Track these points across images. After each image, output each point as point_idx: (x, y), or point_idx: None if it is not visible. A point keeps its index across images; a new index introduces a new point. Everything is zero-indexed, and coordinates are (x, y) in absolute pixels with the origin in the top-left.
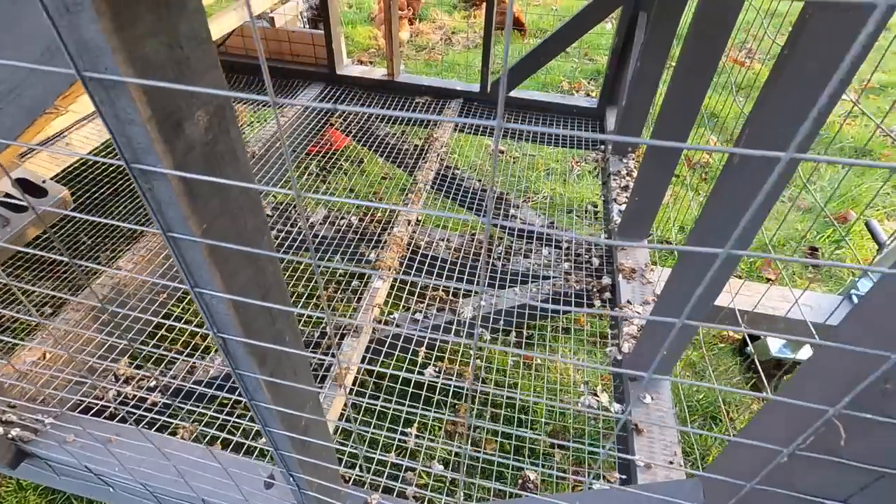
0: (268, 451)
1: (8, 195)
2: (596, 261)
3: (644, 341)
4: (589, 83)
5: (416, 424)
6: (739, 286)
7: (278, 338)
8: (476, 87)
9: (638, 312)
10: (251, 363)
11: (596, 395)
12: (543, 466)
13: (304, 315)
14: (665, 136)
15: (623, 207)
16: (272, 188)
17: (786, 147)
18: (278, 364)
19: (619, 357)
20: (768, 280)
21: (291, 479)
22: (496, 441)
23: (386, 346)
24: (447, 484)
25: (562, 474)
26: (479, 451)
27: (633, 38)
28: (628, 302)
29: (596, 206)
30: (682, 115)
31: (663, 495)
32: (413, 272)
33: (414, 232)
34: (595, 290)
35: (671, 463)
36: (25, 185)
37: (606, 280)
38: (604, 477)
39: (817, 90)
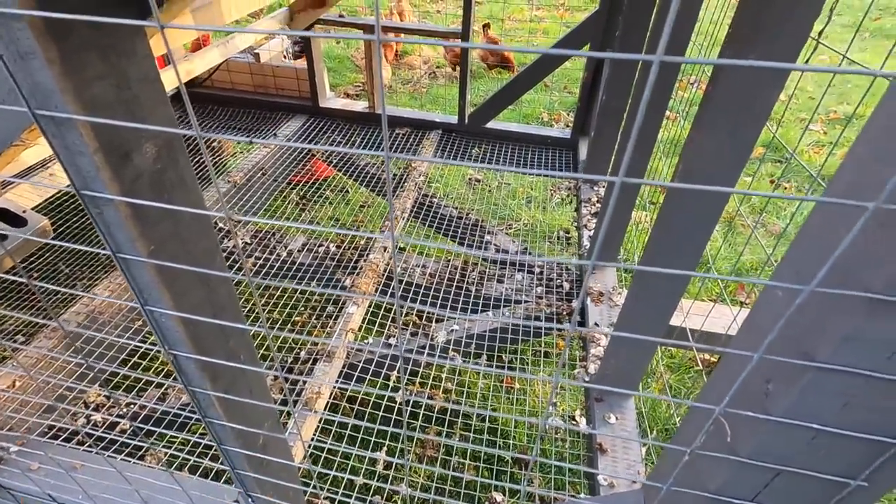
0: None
1: None
2: (566, 285)
3: (608, 360)
4: (568, 115)
5: (384, 448)
6: (710, 309)
7: (232, 356)
8: (454, 119)
9: (605, 333)
10: (203, 380)
11: (574, 418)
12: (514, 491)
13: (279, 338)
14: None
15: (592, 233)
16: (209, 212)
17: (718, 174)
18: (233, 382)
19: (587, 378)
20: (741, 303)
21: (250, 499)
22: (468, 464)
23: (358, 370)
24: None
25: (529, 489)
26: (447, 471)
27: (601, 73)
28: (596, 324)
29: (568, 233)
30: (641, 145)
31: None
32: (388, 297)
33: (390, 258)
34: (565, 313)
35: (634, 483)
36: (6, 215)
37: (575, 304)
38: (571, 497)
39: (738, 117)
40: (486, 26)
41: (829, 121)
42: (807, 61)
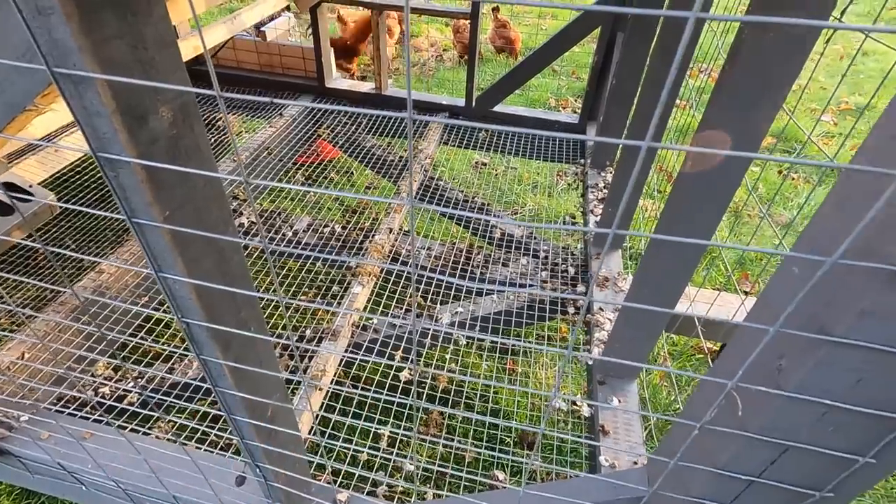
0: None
1: None
2: (571, 270)
3: (612, 344)
4: (575, 100)
5: (389, 425)
6: (715, 297)
7: (242, 326)
8: (461, 102)
9: (609, 319)
10: (214, 348)
11: (576, 403)
12: (515, 470)
13: (286, 313)
14: (634, 148)
15: (599, 218)
16: (224, 175)
17: (730, 159)
18: (243, 352)
19: (591, 362)
20: (745, 292)
21: (258, 469)
22: (470, 442)
23: (363, 349)
24: (418, 481)
25: (533, 465)
26: (451, 439)
27: (611, 56)
28: (600, 309)
29: (574, 218)
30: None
31: (616, 480)
32: (392, 280)
33: (395, 240)
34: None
35: (635, 464)
36: (12, 189)
37: (581, 288)
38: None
39: (754, 100)
40: (495, 9)
41: (839, 111)
42: (822, 52)
